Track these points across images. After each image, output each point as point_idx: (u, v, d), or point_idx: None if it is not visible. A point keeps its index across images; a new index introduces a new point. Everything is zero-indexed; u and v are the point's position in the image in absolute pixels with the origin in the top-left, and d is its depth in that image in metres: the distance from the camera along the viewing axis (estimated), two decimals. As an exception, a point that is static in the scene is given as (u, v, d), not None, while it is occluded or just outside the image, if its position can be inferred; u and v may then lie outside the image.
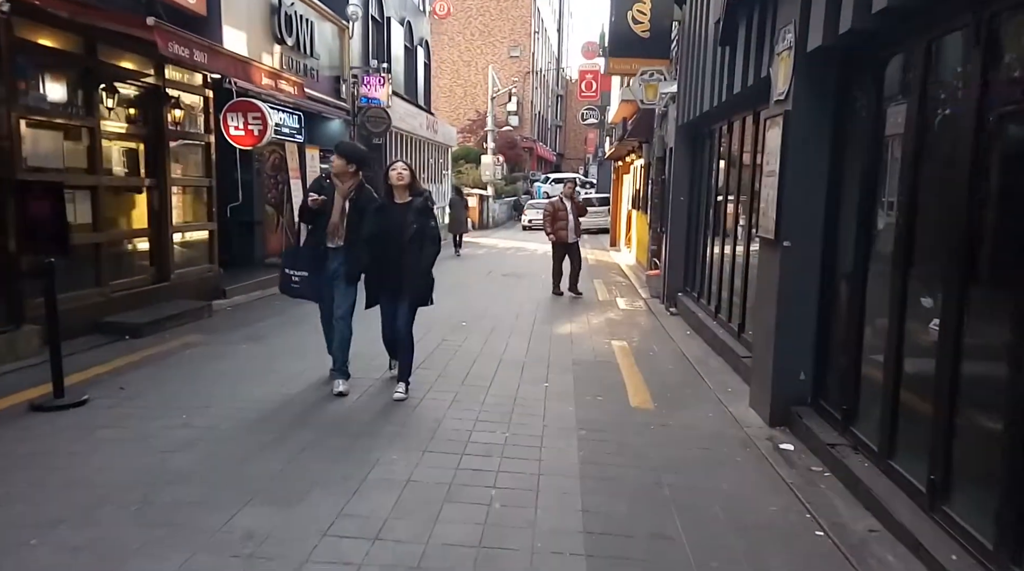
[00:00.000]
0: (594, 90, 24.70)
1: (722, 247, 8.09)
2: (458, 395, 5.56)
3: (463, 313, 9.48)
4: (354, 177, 5.46)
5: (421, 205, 5.25)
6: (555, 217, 11.45)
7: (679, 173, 10.11)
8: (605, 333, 8.58)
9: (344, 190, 5.42)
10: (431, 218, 5.31)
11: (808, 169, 4.80)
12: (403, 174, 5.25)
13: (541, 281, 13.44)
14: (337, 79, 13.97)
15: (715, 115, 8.32)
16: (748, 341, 6.66)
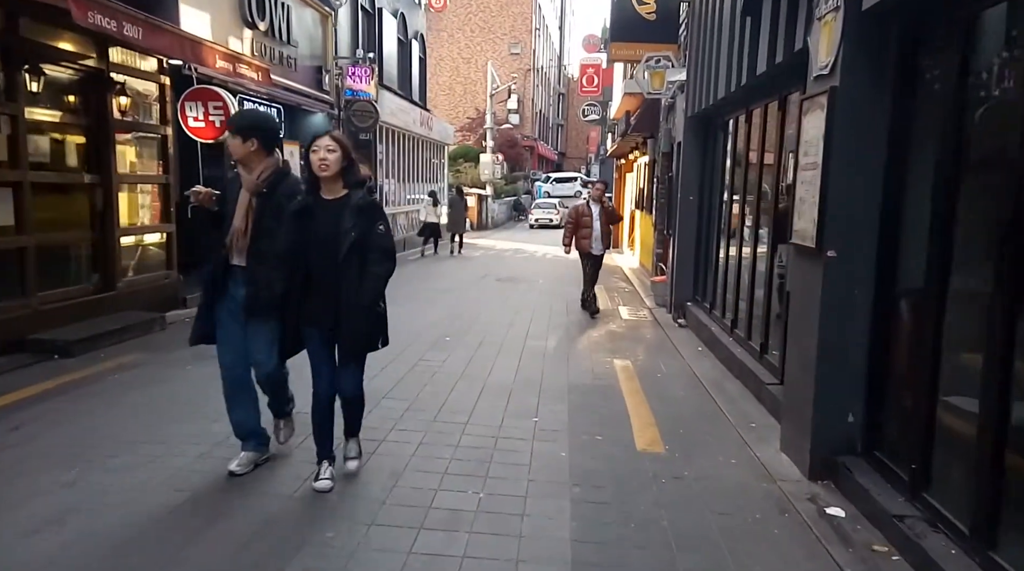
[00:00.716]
0: (596, 85, 23.73)
1: (739, 253, 7.12)
2: (427, 436, 4.59)
3: (449, 324, 8.51)
4: (264, 160, 3.77)
5: (362, 202, 3.51)
6: (578, 224, 9.47)
7: (688, 170, 9.14)
8: (606, 349, 7.61)
9: (252, 181, 3.73)
10: (378, 220, 3.57)
11: (860, 160, 3.83)
12: (328, 158, 3.47)
13: (538, 287, 12.47)
14: (319, 70, 13.03)
15: (731, 103, 7.36)
16: (772, 364, 5.69)
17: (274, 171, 3.80)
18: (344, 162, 3.54)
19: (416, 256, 18.33)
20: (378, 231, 3.55)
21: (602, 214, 9.53)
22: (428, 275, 14.24)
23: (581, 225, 9.47)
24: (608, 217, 9.65)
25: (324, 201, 3.58)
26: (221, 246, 3.83)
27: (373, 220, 3.55)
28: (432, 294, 11.27)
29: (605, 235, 9.59)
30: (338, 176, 3.56)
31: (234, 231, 3.77)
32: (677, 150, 9.76)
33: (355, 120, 14.71)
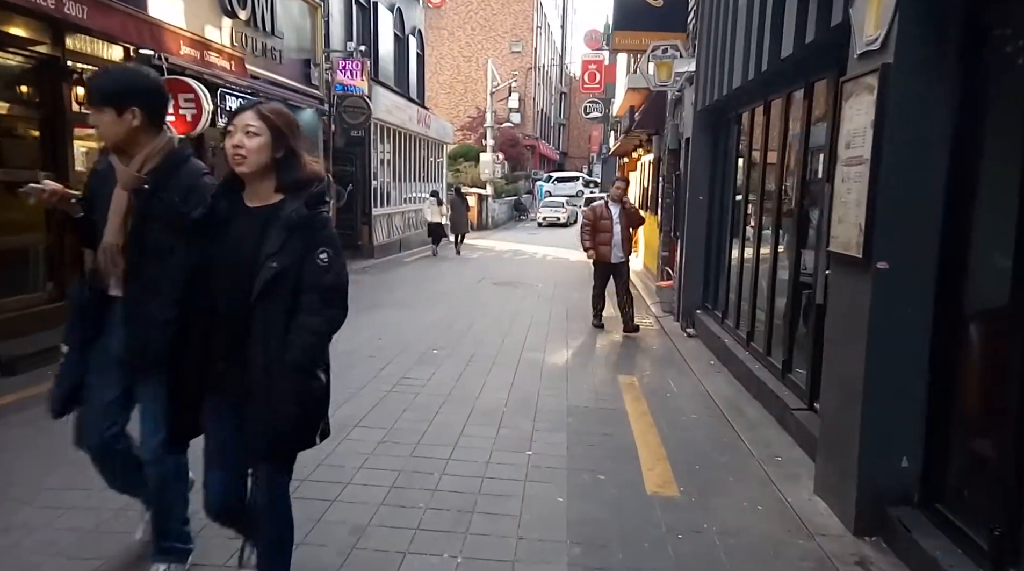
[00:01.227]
0: (598, 82, 23.06)
1: (755, 258, 6.47)
2: (401, 476, 3.93)
3: (439, 334, 7.86)
4: (150, 141, 2.61)
5: (297, 216, 2.30)
6: (596, 227, 8.38)
7: (697, 167, 8.48)
8: (610, 363, 6.95)
9: (129, 174, 2.58)
10: (320, 245, 2.32)
11: (919, 152, 3.18)
12: (247, 145, 2.30)
13: (537, 291, 11.81)
14: (307, 63, 12.39)
15: (746, 94, 6.70)
16: (798, 385, 5.04)
17: (165, 157, 2.62)
18: (276, 151, 2.32)
19: (412, 258, 17.70)
20: (318, 262, 2.28)
21: (622, 216, 8.39)
22: (422, 278, 13.59)
23: (599, 228, 8.34)
24: (629, 219, 8.52)
25: (245, 209, 2.37)
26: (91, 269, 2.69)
27: (311, 245, 2.28)
28: (425, 299, 10.63)
29: (625, 241, 8.43)
30: (266, 173, 2.33)
31: (105, 248, 2.60)
32: (685, 147, 9.11)
33: (346, 117, 14.07)
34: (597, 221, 8.38)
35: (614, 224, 8.33)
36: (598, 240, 8.36)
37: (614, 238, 8.32)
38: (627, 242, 8.48)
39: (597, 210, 8.51)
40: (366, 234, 16.92)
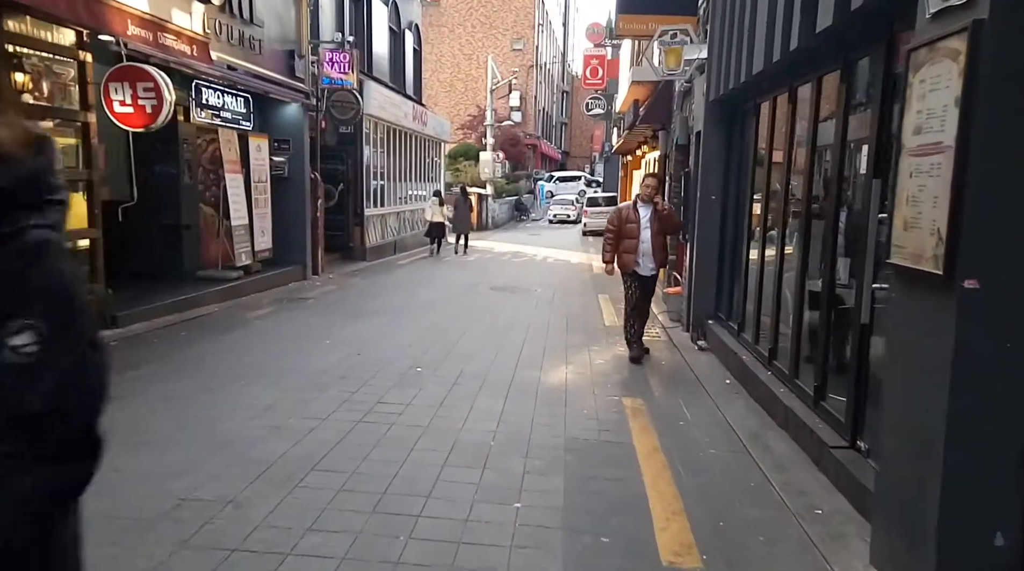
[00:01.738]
0: (600, 77, 22.30)
1: (778, 265, 5.71)
2: (357, 542, 3.18)
3: (425, 348, 7.12)
4: None
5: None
6: (621, 233, 6.95)
7: (710, 163, 7.73)
8: (614, 382, 6.20)
9: None
10: (20, 309, 1.03)
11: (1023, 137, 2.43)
12: None
13: (536, 297, 11.06)
14: (291, 55, 11.65)
15: (768, 80, 5.95)
16: (835, 417, 4.29)
17: None
18: None
19: (407, 261, 16.97)
20: (12, 358, 1.02)
21: (654, 220, 6.90)
22: (415, 282, 12.86)
23: (624, 234, 6.92)
24: (663, 224, 6.98)
25: None
26: None
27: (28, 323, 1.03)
28: (414, 306, 9.88)
29: (658, 249, 6.94)
30: None
31: None
32: (696, 142, 8.36)
33: (335, 112, 13.32)
34: (622, 225, 6.94)
35: (642, 229, 6.87)
36: (622, 247, 6.96)
37: (641, 246, 6.86)
38: (659, 252, 6.99)
39: (623, 213, 7.05)
40: (358, 236, 16.18)
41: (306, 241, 12.60)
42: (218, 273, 10.32)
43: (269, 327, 8.19)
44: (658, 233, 6.95)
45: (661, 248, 7.06)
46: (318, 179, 13.05)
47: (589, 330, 8.55)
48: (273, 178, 12.02)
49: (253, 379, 5.79)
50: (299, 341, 7.36)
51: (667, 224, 7.07)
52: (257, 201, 11.23)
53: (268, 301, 10.02)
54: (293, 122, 12.35)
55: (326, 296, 10.78)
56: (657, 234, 6.93)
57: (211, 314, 8.87)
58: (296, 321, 8.59)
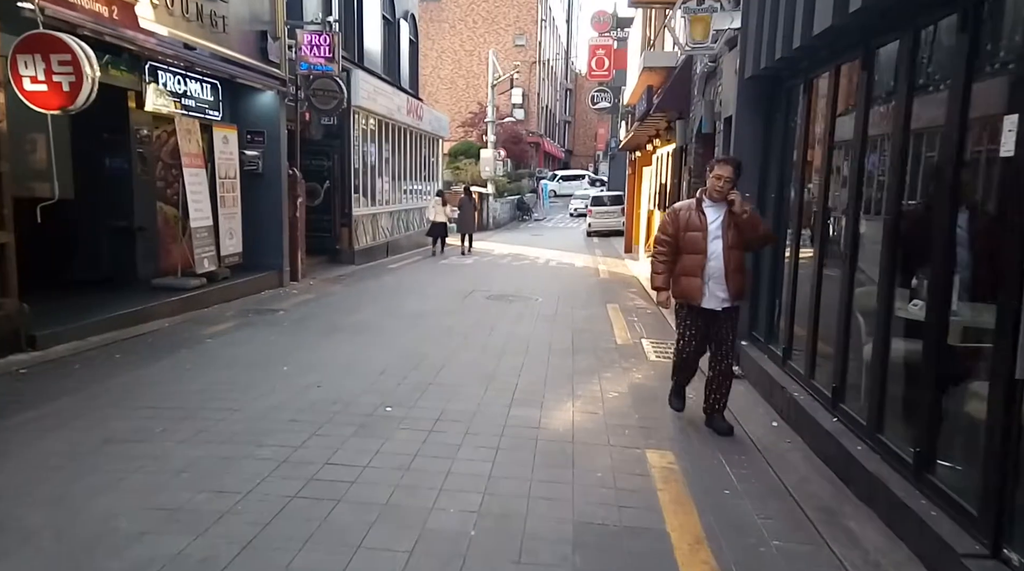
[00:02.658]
0: (606, 68, 21.01)
1: (846, 281, 4.44)
2: None
3: (402, 377, 5.87)
4: None
5: None
6: (679, 245, 4.79)
7: (743, 153, 6.46)
8: (633, 425, 4.94)
9: None
10: None
11: None
12: None
13: (536, 308, 9.80)
14: (263, 35, 10.41)
15: (826, 48, 4.70)
16: (961, 506, 3.02)
17: None
18: None
19: (399, 264, 15.75)
20: None
21: (728, 227, 4.65)
22: (404, 290, 11.61)
23: (685, 247, 4.73)
24: (743, 232, 4.65)
25: None
26: None
27: None
28: (398, 320, 8.63)
29: (734, 270, 4.64)
30: None
31: None
32: (724, 129, 7.10)
33: (315, 101, 12.09)
34: (681, 234, 4.75)
35: (710, 240, 4.64)
36: (682, 267, 4.75)
37: (709, 265, 4.61)
38: (736, 274, 4.64)
39: (682, 216, 4.78)
40: (346, 237, 14.96)
41: (283, 244, 11.37)
42: (176, 281, 9.09)
43: (221, 348, 6.94)
44: (735, 246, 4.62)
45: (738, 269, 4.63)
46: (297, 175, 11.81)
47: (598, 350, 7.29)
48: (245, 174, 10.81)
49: (176, 424, 4.55)
50: (251, 368, 6.12)
51: (749, 233, 4.63)
52: (224, 199, 10.00)
53: (232, 313, 8.78)
54: (268, 112, 11.12)
55: (300, 307, 9.54)
56: (733, 248, 4.61)
57: (159, 331, 7.64)
58: (256, 340, 7.35)
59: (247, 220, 10.73)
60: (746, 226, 4.64)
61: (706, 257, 4.64)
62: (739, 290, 4.69)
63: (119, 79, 8.37)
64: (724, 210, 4.69)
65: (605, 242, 23.46)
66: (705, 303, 4.69)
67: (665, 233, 4.84)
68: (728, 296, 4.66)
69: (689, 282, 4.70)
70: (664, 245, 4.83)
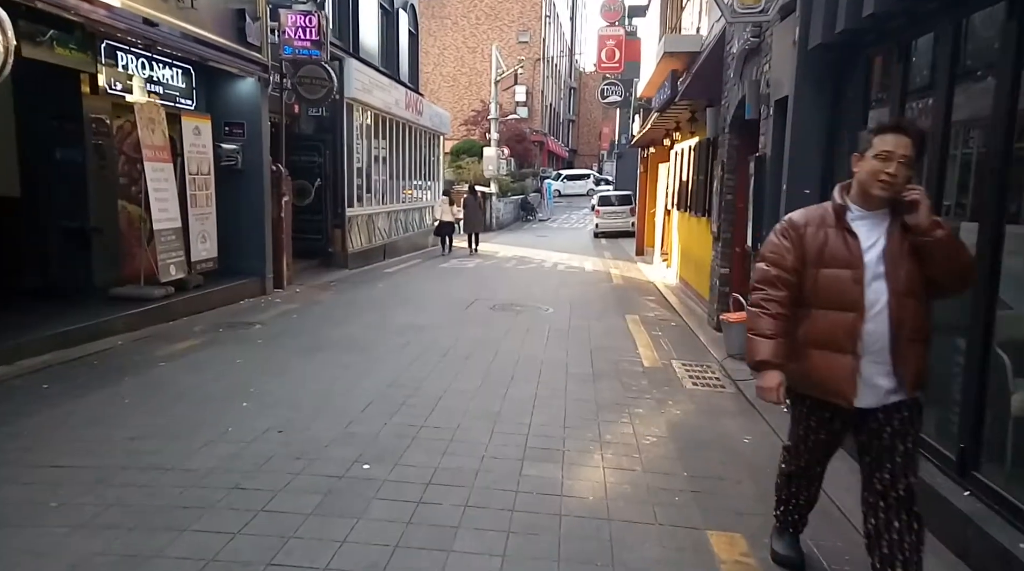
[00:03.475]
0: (617, 60, 19.85)
1: (982, 303, 3.29)
2: None
3: (386, 417, 4.73)
4: None
5: None
6: (805, 285, 2.63)
7: (803, 141, 5.34)
8: (683, 492, 3.78)
9: None
10: None
11: None
12: None
13: (547, 320, 8.65)
14: (240, 15, 9.28)
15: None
16: None
17: None
18: None
19: (397, 267, 14.65)
20: None
21: (900, 253, 2.53)
22: (399, 298, 10.48)
23: (823, 295, 2.60)
24: (933, 261, 2.52)
25: None
26: None
27: None
28: (389, 335, 7.50)
29: (910, 341, 2.53)
30: None
31: None
32: (775, 114, 5.95)
33: (302, 90, 10.97)
34: (812, 268, 2.62)
35: (869, 280, 2.54)
36: (813, 330, 2.63)
37: (867, 327, 2.53)
38: (915, 345, 2.55)
39: (809, 234, 2.64)
40: (338, 239, 13.82)
41: (265, 247, 10.24)
42: (138, 291, 7.97)
43: (175, 374, 5.82)
44: (912, 291, 2.53)
45: (919, 333, 2.56)
46: (282, 171, 10.69)
47: (623, 375, 6.16)
48: (222, 170, 9.69)
49: (80, 495, 3.43)
50: (204, 403, 4.99)
51: (944, 264, 2.53)
52: (195, 198, 8.87)
53: (200, 328, 7.66)
54: (248, 101, 10.00)
55: (280, 319, 8.42)
56: (909, 295, 2.53)
57: (109, 351, 6.52)
58: (219, 362, 6.22)
59: (224, 221, 9.62)
60: (941, 251, 2.48)
61: (862, 314, 2.51)
62: (918, 373, 2.55)
63: (68, 58, 7.27)
64: (888, 223, 2.55)
65: (614, 244, 22.33)
66: (861, 401, 2.57)
67: (778, 266, 2.64)
68: (897, 384, 2.54)
69: (827, 361, 2.57)
70: (774, 288, 2.63)
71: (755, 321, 2.67)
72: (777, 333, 2.61)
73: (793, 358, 2.64)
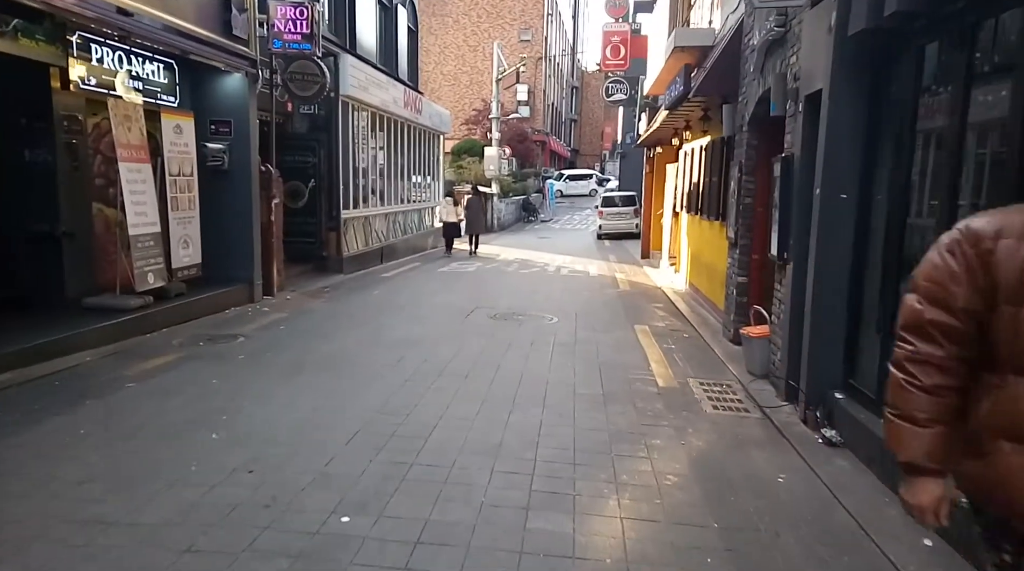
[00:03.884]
0: (622, 57, 19.25)
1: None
2: None
3: (373, 449, 4.17)
4: None
5: None
6: (990, 335, 1.64)
7: (839, 141, 4.79)
8: (716, 551, 3.22)
9: None
10: None
11: None
12: None
13: (551, 331, 8.07)
14: (225, 5, 8.73)
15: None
16: None
17: None
18: None
19: (395, 272, 14.12)
20: None
21: None
22: (395, 305, 9.94)
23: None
24: None
25: None
26: None
27: None
28: (380, 350, 6.95)
29: None
30: None
31: None
32: (806, 110, 5.39)
33: (293, 86, 10.42)
34: (1009, 285, 1.60)
35: None
36: (1008, 403, 1.63)
37: None
38: None
39: (998, 245, 1.63)
40: (333, 243, 13.28)
41: (253, 252, 9.70)
42: (113, 301, 7.43)
43: (141, 399, 5.27)
44: None
45: None
46: (272, 172, 10.14)
47: (637, 397, 5.60)
48: (208, 171, 9.17)
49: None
50: (169, 434, 4.44)
51: None
52: (177, 201, 8.34)
53: (179, 342, 7.12)
54: (235, 98, 9.45)
55: (266, 331, 7.87)
56: None
57: (76, 368, 5.98)
58: (192, 383, 5.67)
59: (210, 225, 9.08)
60: None
61: None
62: None
63: (36, 51, 6.74)
64: None
65: (618, 246, 21.78)
66: None
67: (940, 305, 1.69)
68: None
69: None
70: (931, 342, 1.69)
71: (900, 395, 1.72)
72: (937, 417, 1.68)
73: (969, 453, 1.69)
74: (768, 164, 7.46)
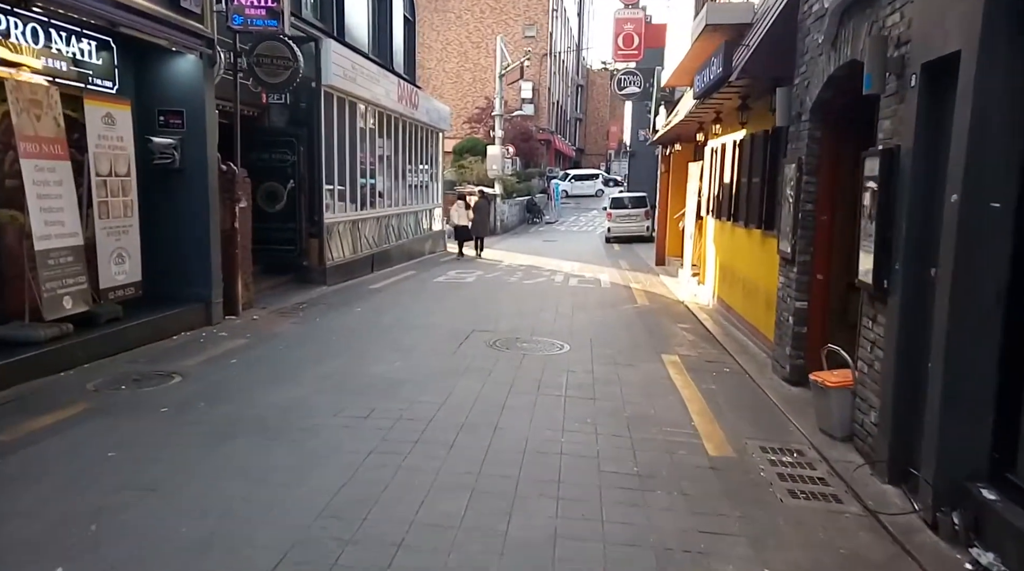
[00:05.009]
0: (636, 47, 17.72)
1: None
2: None
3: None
4: None
5: None
6: None
7: (987, 127, 3.28)
8: None
9: None
10: None
11: None
12: None
13: (565, 368, 6.49)
14: (173, -28, 7.24)
15: None
16: None
17: None
18: None
19: (385, 282, 12.66)
20: None
21: None
22: (379, 328, 8.45)
23: None
24: None
25: None
26: None
27: None
28: (348, 399, 5.43)
29: None
30: None
31: None
32: (923, 85, 3.87)
33: (259, 71, 8.93)
34: None
35: None
36: None
37: None
38: None
39: None
40: (315, 250, 11.81)
41: (211, 266, 8.21)
42: (16, 331, 5.96)
43: (2, 482, 3.78)
44: None
45: None
46: (235, 171, 8.67)
47: (683, 476, 4.10)
48: (156, 170, 7.71)
49: None
50: (2, 553, 2.96)
51: None
52: (108, 206, 6.87)
53: (96, 384, 5.64)
54: (188, 84, 7.97)
55: (213, 366, 6.39)
56: None
57: (-65, 431, 4.49)
58: (83, 456, 4.17)
59: (157, 235, 7.65)
60: None
61: None
62: None
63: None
64: None
65: (628, 250, 20.31)
66: None
67: None
68: None
69: None
70: None
71: None
72: None
73: None
74: (833, 162, 5.99)
